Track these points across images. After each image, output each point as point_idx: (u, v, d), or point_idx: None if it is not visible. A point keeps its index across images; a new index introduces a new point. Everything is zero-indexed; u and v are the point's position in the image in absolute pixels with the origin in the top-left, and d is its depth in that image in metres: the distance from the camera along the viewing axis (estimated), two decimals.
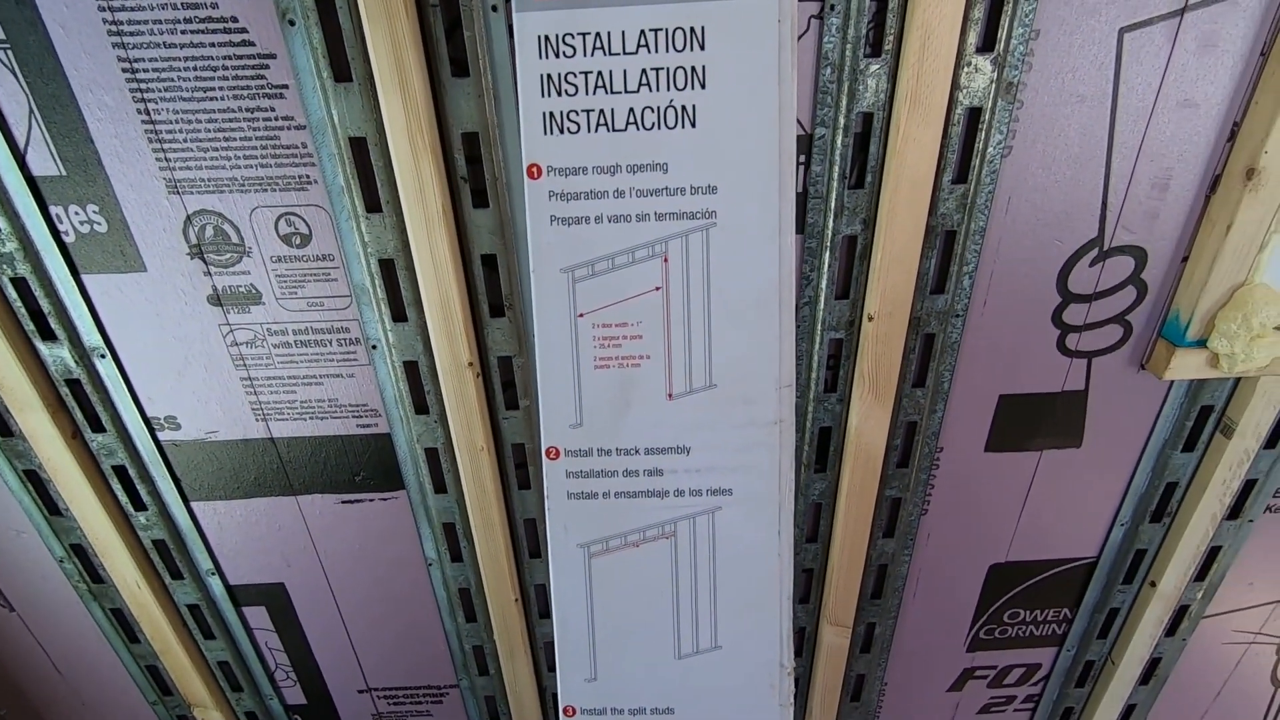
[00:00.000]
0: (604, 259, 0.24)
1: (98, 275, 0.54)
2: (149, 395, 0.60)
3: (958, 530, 0.71)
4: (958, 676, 0.83)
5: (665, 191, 0.24)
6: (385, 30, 0.45)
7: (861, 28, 0.47)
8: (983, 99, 0.50)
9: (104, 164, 0.50)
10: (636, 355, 0.25)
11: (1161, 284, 0.58)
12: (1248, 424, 0.63)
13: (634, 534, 0.26)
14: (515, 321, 0.57)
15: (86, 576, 0.69)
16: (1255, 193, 0.52)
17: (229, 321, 0.57)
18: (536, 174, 0.24)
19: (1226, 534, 0.71)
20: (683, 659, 0.27)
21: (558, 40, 0.23)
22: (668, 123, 0.23)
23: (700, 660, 0.27)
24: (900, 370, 0.59)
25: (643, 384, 0.25)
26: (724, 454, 0.25)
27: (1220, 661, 0.83)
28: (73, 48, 0.47)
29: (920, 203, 0.52)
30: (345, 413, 0.62)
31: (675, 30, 0.23)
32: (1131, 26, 0.48)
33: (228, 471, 0.64)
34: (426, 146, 0.49)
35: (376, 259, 0.54)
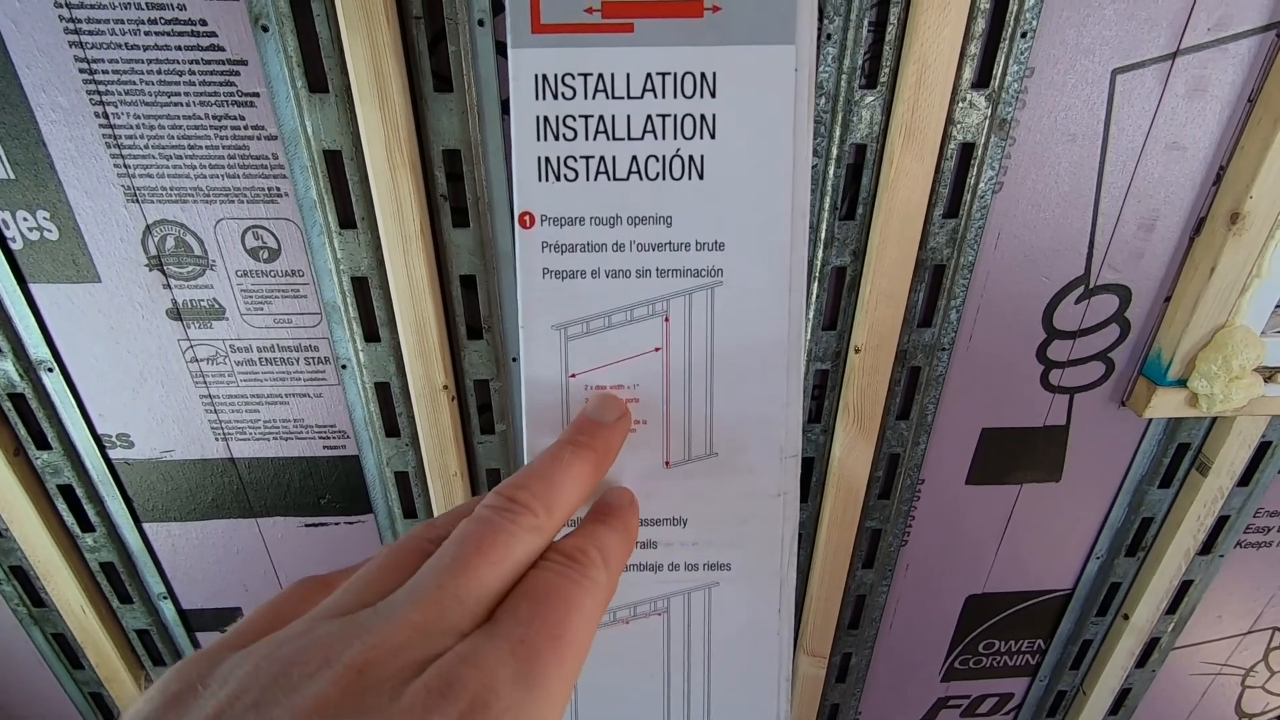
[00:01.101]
0: (600, 316, 0.22)
1: (47, 285, 0.51)
2: (100, 411, 0.56)
3: (936, 561, 0.71)
4: (931, 706, 0.83)
5: (669, 246, 0.22)
6: (365, 40, 0.43)
7: (858, 58, 0.47)
8: (976, 134, 0.49)
9: (57, 168, 0.47)
10: (632, 420, 0.23)
11: (1144, 323, 0.58)
12: (1223, 462, 0.64)
13: (624, 609, 0.24)
14: (493, 344, 0.55)
15: (27, 599, 0.65)
16: (1239, 236, 0.52)
17: (189, 337, 0.54)
18: (529, 223, 0.22)
19: (1198, 568, 0.72)
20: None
21: (557, 80, 0.21)
22: (673, 173, 0.21)
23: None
24: (885, 403, 0.58)
25: (638, 451, 0.23)
26: (723, 527, 0.23)
27: (1187, 692, 0.84)
28: (25, 45, 0.44)
29: (911, 236, 0.51)
30: (311, 433, 0.59)
31: (685, 75, 0.21)
32: (1124, 68, 0.48)
33: (184, 492, 0.61)
34: (405, 162, 0.46)
35: (349, 276, 0.51)
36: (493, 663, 0.15)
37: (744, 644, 0.24)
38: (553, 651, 0.17)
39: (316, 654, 0.15)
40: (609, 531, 0.21)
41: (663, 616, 0.24)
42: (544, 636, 0.17)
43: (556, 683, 0.16)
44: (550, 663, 0.16)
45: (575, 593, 0.18)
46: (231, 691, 0.14)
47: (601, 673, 0.24)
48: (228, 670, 0.15)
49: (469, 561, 0.18)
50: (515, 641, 0.16)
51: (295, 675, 0.15)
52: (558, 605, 0.18)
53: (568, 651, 0.17)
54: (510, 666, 0.16)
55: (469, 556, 0.18)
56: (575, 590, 0.18)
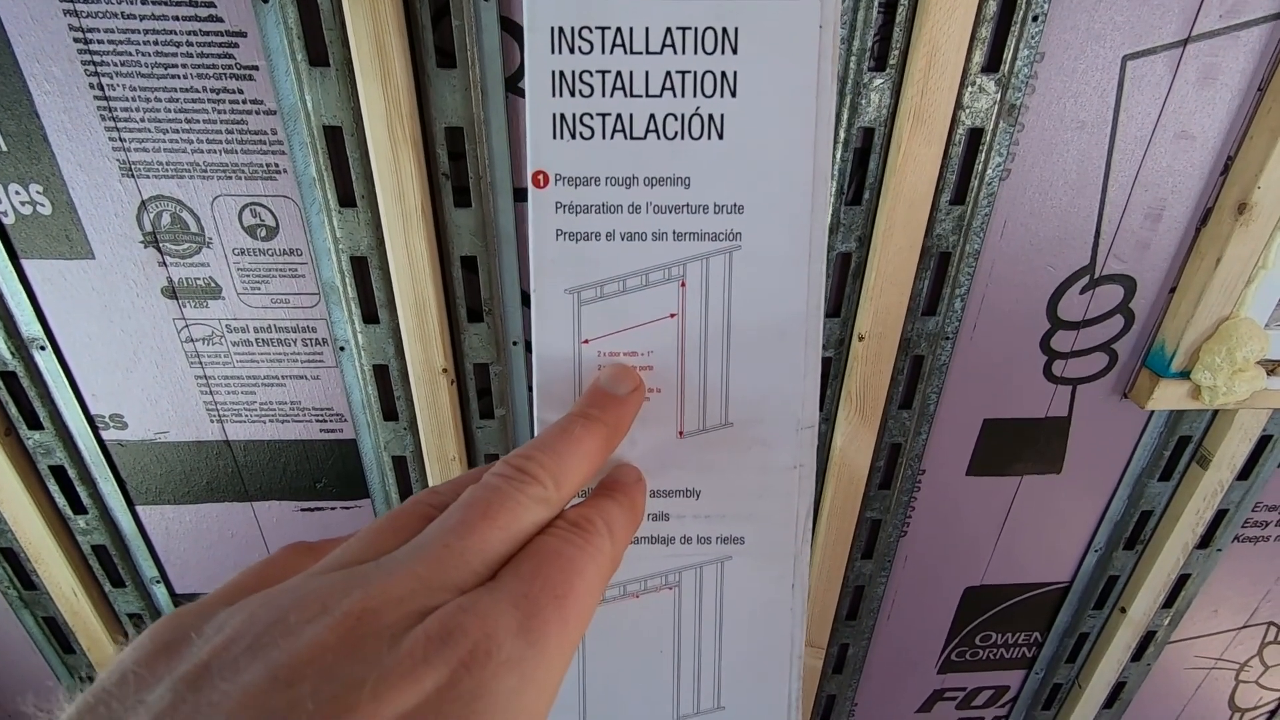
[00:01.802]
0: (614, 280, 0.22)
1: (39, 260, 0.50)
2: (93, 391, 0.56)
3: (935, 553, 0.70)
4: (927, 698, 0.83)
5: (686, 209, 0.21)
6: (367, 12, 0.42)
7: (867, 40, 0.46)
8: (985, 120, 0.49)
9: (50, 140, 0.46)
10: (646, 388, 0.23)
11: (1149, 314, 0.58)
12: (1223, 456, 0.64)
13: (634, 584, 0.23)
14: (494, 327, 0.54)
15: (17, 582, 0.64)
16: (1245, 227, 0.52)
17: (184, 316, 0.53)
18: (543, 182, 0.21)
19: (1196, 562, 0.72)
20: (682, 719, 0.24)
21: (574, 33, 0.20)
22: (692, 133, 0.21)
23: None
24: (888, 391, 0.58)
25: (651, 420, 0.23)
26: (737, 500, 0.23)
27: (1182, 686, 0.84)
28: (18, 13, 0.43)
29: (917, 222, 0.51)
30: (308, 416, 0.58)
31: (706, 30, 0.20)
32: (1135, 54, 0.48)
33: (178, 474, 0.60)
34: (407, 139, 0.46)
35: (348, 256, 0.50)
36: (495, 614, 0.15)
37: (756, 620, 0.23)
38: (555, 610, 0.16)
39: (314, 602, 0.15)
40: (615, 506, 0.21)
41: (673, 591, 0.23)
42: (547, 594, 0.16)
43: (557, 641, 0.16)
44: (552, 620, 0.16)
45: (579, 558, 0.18)
46: (227, 637, 0.14)
47: (610, 647, 0.23)
48: (222, 619, 0.15)
49: (474, 524, 0.17)
50: (518, 596, 0.16)
51: (292, 620, 0.14)
52: (562, 567, 0.17)
53: (570, 612, 0.17)
54: (512, 619, 0.15)
55: (474, 520, 0.17)
56: (580, 555, 0.18)
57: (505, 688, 0.14)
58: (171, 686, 0.13)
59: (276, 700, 0.13)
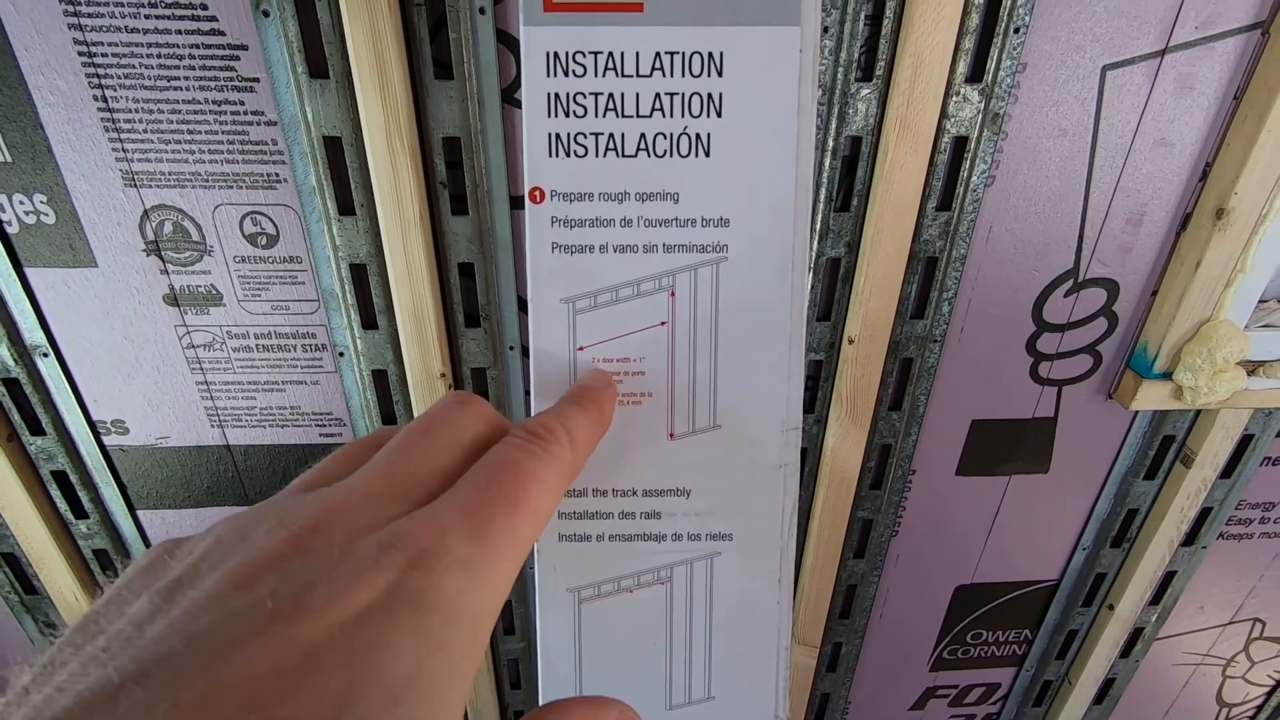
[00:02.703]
0: (607, 290, 0.23)
1: (43, 269, 0.51)
2: (95, 397, 0.56)
3: (926, 552, 0.72)
4: (920, 695, 0.84)
5: (675, 222, 0.22)
6: (366, 26, 0.43)
7: (854, 52, 0.47)
8: (969, 128, 0.50)
9: (54, 152, 0.47)
10: (638, 393, 0.24)
11: (1131, 316, 0.59)
12: (1206, 454, 0.65)
13: (628, 579, 0.25)
14: (491, 333, 0.55)
15: (18, 587, 0.65)
16: (1224, 232, 0.53)
17: (186, 323, 0.54)
18: (539, 198, 0.22)
19: (1182, 559, 0.73)
20: (674, 709, 0.25)
21: (568, 58, 0.21)
22: (681, 151, 0.22)
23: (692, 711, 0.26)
24: (877, 393, 0.59)
25: (643, 423, 0.24)
26: (725, 498, 0.24)
27: (1170, 682, 0.85)
28: (23, 26, 0.44)
29: (905, 228, 0.52)
30: (307, 421, 0.59)
31: (693, 54, 0.21)
32: (1114, 64, 0.49)
33: (178, 479, 0.61)
34: (405, 149, 0.47)
35: (348, 263, 0.51)
36: (444, 520, 0.16)
37: (745, 613, 0.24)
38: (506, 515, 0.17)
39: (271, 519, 0.16)
40: (580, 412, 0.21)
41: (665, 586, 0.24)
42: (499, 500, 0.17)
43: (507, 544, 0.17)
44: (502, 525, 0.17)
45: (535, 465, 0.19)
46: (196, 556, 0.16)
47: (605, 641, 0.24)
48: (194, 543, 0.16)
49: (416, 441, 0.18)
50: (469, 505, 0.17)
51: (252, 535, 0.16)
52: (517, 474, 0.18)
53: (521, 517, 0.17)
54: (462, 526, 0.16)
55: (416, 437, 0.18)
56: (535, 463, 0.19)
57: (453, 586, 0.15)
58: (149, 599, 0.15)
59: (237, 601, 0.14)
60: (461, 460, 0.19)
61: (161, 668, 0.13)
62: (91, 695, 0.12)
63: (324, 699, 0.13)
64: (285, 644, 0.13)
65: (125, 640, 0.13)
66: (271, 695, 0.13)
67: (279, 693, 0.13)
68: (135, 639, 0.13)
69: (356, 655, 0.14)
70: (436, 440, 0.18)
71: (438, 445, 0.18)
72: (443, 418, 0.19)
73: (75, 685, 0.13)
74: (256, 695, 0.13)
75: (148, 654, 0.13)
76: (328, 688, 0.13)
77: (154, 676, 0.12)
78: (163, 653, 0.13)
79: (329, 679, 0.13)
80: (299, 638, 0.13)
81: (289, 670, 0.13)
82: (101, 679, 0.12)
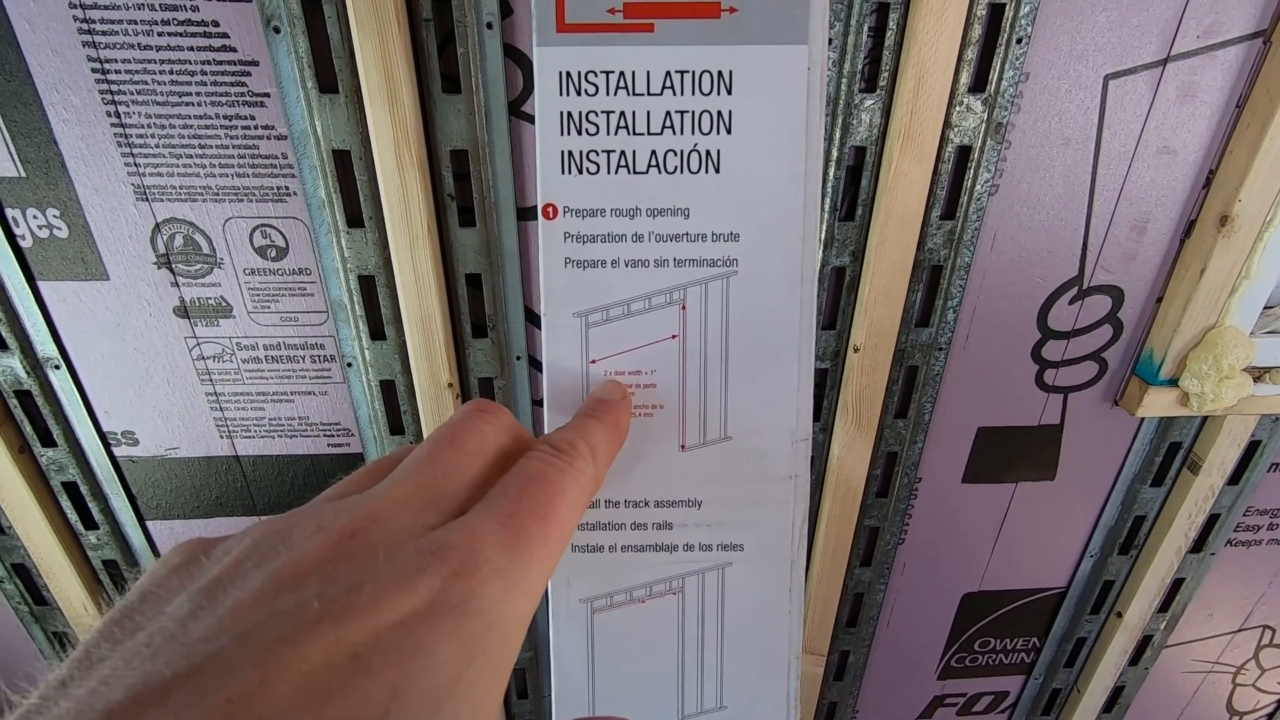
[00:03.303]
0: (619, 304, 0.23)
1: (55, 282, 0.52)
2: (106, 409, 0.57)
3: (933, 560, 0.71)
4: (928, 704, 0.84)
5: (686, 237, 0.23)
6: (376, 42, 0.44)
7: (857, 63, 0.48)
8: (973, 138, 0.50)
9: (68, 167, 0.48)
10: (650, 405, 0.24)
11: (1137, 323, 0.60)
12: (1213, 461, 0.65)
13: (640, 589, 0.25)
14: (498, 343, 0.56)
15: (29, 598, 0.65)
16: (1228, 239, 0.53)
17: (196, 334, 0.54)
18: (552, 214, 0.23)
19: (1190, 566, 0.73)
20: (686, 718, 0.26)
21: (580, 78, 0.22)
22: (691, 167, 0.22)
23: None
24: (883, 402, 0.59)
25: (655, 434, 0.24)
26: (736, 508, 0.24)
27: (1179, 690, 0.85)
28: (39, 44, 0.44)
29: (909, 237, 0.52)
30: (316, 431, 0.59)
31: (703, 73, 0.22)
32: (1117, 74, 0.50)
33: (188, 490, 0.61)
34: (414, 162, 0.47)
35: (356, 275, 0.52)
36: (482, 531, 0.16)
37: (756, 623, 0.25)
38: (539, 526, 0.17)
39: (309, 524, 0.16)
40: (599, 426, 0.22)
41: (677, 596, 0.24)
42: (531, 513, 0.18)
43: (541, 554, 0.17)
44: (536, 536, 0.17)
45: (562, 480, 0.19)
46: (235, 557, 0.16)
47: (618, 650, 0.24)
48: (229, 544, 0.16)
49: (443, 451, 0.19)
50: (505, 515, 0.17)
51: (293, 538, 0.16)
52: (545, 488, 0.19)
53: (553, 529, 0.18)
54: (499, 535, 0.17)
55: (443, 447, 0.19)
56: (562, 478, 0.19)
57: (492, 593, 0.16)
58: (189, 597, 0.15)
59: (283, 601, 0.14)
60: (487, 471, 0.19)
61: (213, 664, 0.13)
62: (143, 688, 0.12)
63: (372, 699, 0.13)
64: (333, 643, 0.13)
65: (169, 636, 0.14)
66: (322, 693, 0.13)
67: (329, 691, 0.13)
68: (180, 635, 0.14)
69: (402, 657, 0.14)
70: (463, 449, 0.19)
71: (464, 455, 0.19)
72: (467, 427, 0.20)
73: (123, 679, 0.13)
74: (308, 692, 0.13)
75: (197, 650, 0.13)
76: (375, 688, 0.13)
77: (205, 672, 0.13)
78: (213, 649, 0.13)
79: (377, 679, 0.13)
80: (346, 638, 0.14)
81: (338, 669, 0.13)
82: (151, 673, 0.13)
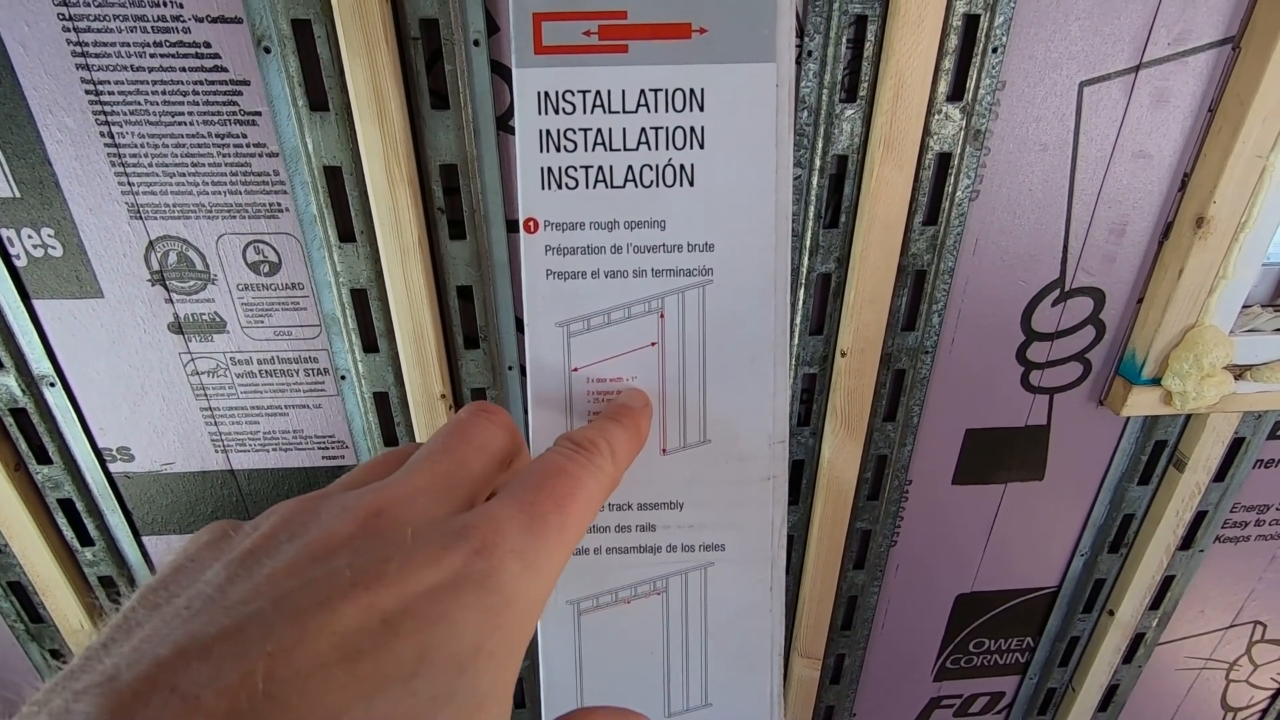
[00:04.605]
0: (600, 314, 0.24)
1: (50, 300, 0.52)
2: (101, 425, 0.57)
3: (926, 561, 0.72)
4: (924, 706, 0.84)
5: (663, 248, 0.24)
6: (364, 61, 0.44)
7: (838, 74, 0.49)
8: (952, 145, 0.51)
9: (62, 186, 0.48)
10: None
11: (1119, 324, 0.61)
12: (1198, 458, 0.66)
13: (625, 590, 0.25)
14: (490, 353, 0.56)
15: (25, 615, 0.65)
16: (1204, 240, 0.54)
17: (190, 350, 0.55)
18: (534, 228, 0.23)
19: (1179, 563, 0.73)
20: (672, 716, 0.26)
21: (558, 97, 0.23)
22: (666, 181, 0.23)
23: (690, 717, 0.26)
24: (871, 405, 0.60)
25: None
26: (717, 510, 0.25)
27: (1174, 687, 0.85)
28: (33, 67, 0.45)
29: (892, 243, 0.53)
30: (310, 444, 0.60)
31: (675, 91, 0.23)
32: (1090, 81, 0.51)
33: (183, 504, 0.61)
34: (404, 177, 0.48)
35: (349, 289, 0.52)
36: (503, 515, 0.17)
37: (738, 620, 0.25)
38: (557, 515, 0.18)
39: (335, 504, 0.17)
40: (620, 429, 0.23)
41: (661, 596, 0.25)
42: (550, 502, 0.19)
43: (557, 540, 0.18)
44: (553, 523, 0.18)
45: (582, 474, 0.20)
46: (265, 531, 0.17)
47: (605, 651, 0.25)
48: (258, 522, 0.17)
49: (454, 445, 0.20)
50: (525, 503, 0.18)
51: (323, 515, 0.17)
52: (565, 481, 0.20)
53: (569, 519, 0.19)
54: (518, 520, 0.17)
55: (455, 442, 0.20)
56: (582, 472, 0.20)
57: (511, 571, 0.16)
58: (225, 566, 0.16)
59: (317, 570, 0.15)
60: (492, 465, 0.20)
61: (252, 623, 0.14)
62: (187, 643, 0.13)
63: (402, 659, 0.14)
64: (366, 608, 0.14)
65: (208, 600, 0.15)
66: (355, 651, 0.14)
67: (361, 651, 0.14)
68: (219, 599, 0.15)
69: (429, 624, 0.15)
70: (472, 444, 0.20)
71: (473, 449, 0.20)
72: (475, 425, 0.21)
73: (166, 637, 0.14)
74: (342, 650, 0.14)
75: (237, 611, 0.14)
76: (405, 649, 0.14)
77: (246, 630, 0.14)
78: (251, 610, 0.14)
79: (407, 642, 0.14)
80: (377, 603, 0.15)
81: (370, 631, 0.14)
82: (194, 630, 0.14)
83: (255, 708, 0.13)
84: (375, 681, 0.14)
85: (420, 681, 0.14)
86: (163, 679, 0.13)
